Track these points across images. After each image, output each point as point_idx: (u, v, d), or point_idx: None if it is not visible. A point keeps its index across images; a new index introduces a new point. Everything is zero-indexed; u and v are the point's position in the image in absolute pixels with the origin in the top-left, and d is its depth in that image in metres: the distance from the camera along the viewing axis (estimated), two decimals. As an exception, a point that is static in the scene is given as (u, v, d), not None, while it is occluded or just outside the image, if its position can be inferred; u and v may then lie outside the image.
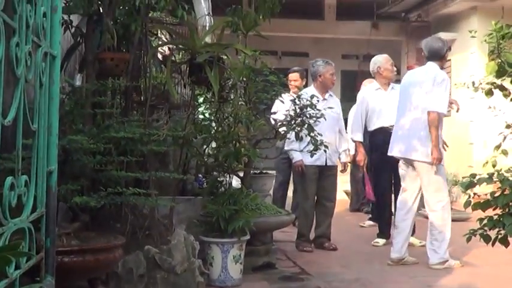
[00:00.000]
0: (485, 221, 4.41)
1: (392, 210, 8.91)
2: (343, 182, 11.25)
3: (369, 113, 9.06)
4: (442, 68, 7.75)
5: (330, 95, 8.88)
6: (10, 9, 2.51)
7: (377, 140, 8.95)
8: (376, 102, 9.00)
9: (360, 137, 9.11)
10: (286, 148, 8.23)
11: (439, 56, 7.70)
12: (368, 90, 9.42)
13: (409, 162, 7.55)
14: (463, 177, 4.68)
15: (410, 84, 7.70)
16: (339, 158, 8.86)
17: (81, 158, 4.68)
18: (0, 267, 2.38)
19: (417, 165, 7.42)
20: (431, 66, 7.55)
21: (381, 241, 8.84)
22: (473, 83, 6.06)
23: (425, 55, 7.74)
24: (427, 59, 7.70)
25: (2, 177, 2.42)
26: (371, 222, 10.14)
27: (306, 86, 9.59)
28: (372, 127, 9.05)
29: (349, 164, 9.72)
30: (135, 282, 4.95)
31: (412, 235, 8.43)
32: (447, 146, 8.03)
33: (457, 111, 9.52)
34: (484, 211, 4.44)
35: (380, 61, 9.21)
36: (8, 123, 2.42)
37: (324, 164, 8.48)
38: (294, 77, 9.66)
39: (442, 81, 7.30)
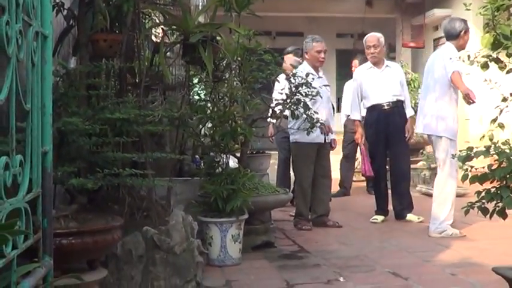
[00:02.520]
0: (482, 194, 4.41)
1: (389, 185, 9.13)
2: (336, 161, 11.21)
3: (363, 92, 9.15)
4: (461, 47, 7.94)
5: (321, 74, 8.83)
6: (-1, -13, 2.49)
7: (371, 117, 9.08)
8: (369, 81, 9.07)
9: (357, 116, 9.20)
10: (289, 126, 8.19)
11: (454, 36, 8.01)
12: (361, 69, 9.45)
13: (429, 138, 8.07)
14: (460, 151, 4.66)
15: (430, 64, 8.12)
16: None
17: (76, 140, 4.65)
18: (-3, 246, 2.38)
19: (433, 140, 7.91)
20: (445, 46, 8.04)
21: (379, 218, 8.90)
22: (469, 57, 6.05)
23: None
24: (446, 39, 8.15)
25: (-3, 159, 2.40)
26: None
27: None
28: (367, 104, 9.15)
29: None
30: (135, 263, 4.95)
31: (410, 212, 8.76)
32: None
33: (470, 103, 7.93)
34: (481, 184, 4.43)
35: (364, 40, 9.35)
36: (0, 102, 2.40)
37: (323, 141, 8.49)
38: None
39: (449, 59, 7.60)
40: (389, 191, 8.98)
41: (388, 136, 8.95)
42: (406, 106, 9.06)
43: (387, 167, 9.34)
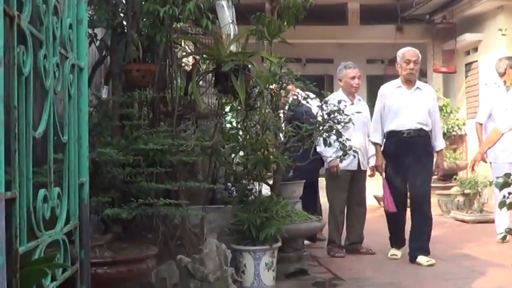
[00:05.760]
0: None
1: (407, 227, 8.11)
2: (371, 187, 11.14)
3: (385, 111, 8.18)
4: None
5: (359, 99, 8.84)
6: (36, 21, 2.52)
7: (389, 146, 8.18)
8: (394, 101, 8.10)
9: (377, 138, 8.27)
10: (318, 149, 8.10)
11: (501, 74, 8.75)
12: (388, 87, 8.43)
13: None
14: (496, 177, 4.65)
15: None
16: (368, 163, 8.77)
17: (110, 170, 4.68)
18: (37, 279, 2.39)
19: None
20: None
21: (398, 253, 8.14)
22: (505, 82, 6.10)
23: None
24: None
25: (34, 191, 2.42)
26: None
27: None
28: (385, 129, 8.19)
29: None
30: (169, 292, 4.96)
31: (423, 254, 7.75)
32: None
33: None
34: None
35: (398, 55, 8.36)
36: (39, 135, 2.43)
37: (356, 169, 8.45)
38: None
39: None
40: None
41: (407, 170, 7.92)
42: (435, 137, 8.12)
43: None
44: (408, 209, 8.07)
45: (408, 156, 7.86)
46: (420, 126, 7.91)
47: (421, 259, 7.60)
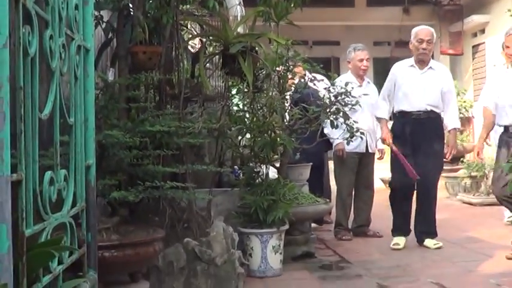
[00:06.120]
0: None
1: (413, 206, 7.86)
2: (379, 170, 11.11)
3: (395, 91, 7.84)
4: None
5: (368, 82, 8.80)
6: (42, 1, 2.49)
7: (397, 127, 7.87)
8: (405, 81, 7.76)
9: (382, 114, 7.91)
10: (326, 131, 8.06)
11: None
12: (400, 65, 8.05)
13: None
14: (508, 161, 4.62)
15: None
16: (376, 145, 8.73)
17: (117, 153, 4.67)
18: (44, 262, 2.37)
19: None
20: None
21: (401, 241, 7.71)
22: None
23: None
24: None
25: (41, 174, 2.40)
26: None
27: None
28: (395, 108, 7.85)
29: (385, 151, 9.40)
30: (176, 275, 4.94)
31: (430, 237, 7.65)
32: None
33: None
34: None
35: (412, 34, 7.99)
36: (45, 117, 2.40)
37: (364, 151, 8.42)
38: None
39: None
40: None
41: (415, 150, 7.59)
42: (448, 116, 7.79)
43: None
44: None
45: (417, 138, 7.53)
46: (430, 108, 7.62)
47: (428, 242, 7.51)
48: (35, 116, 2.30)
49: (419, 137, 7.55)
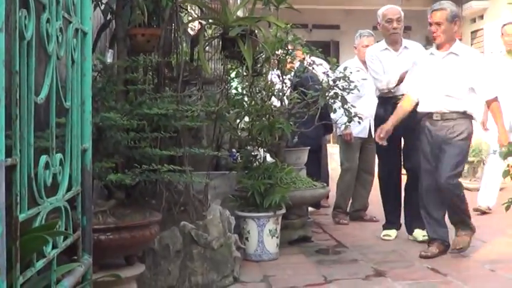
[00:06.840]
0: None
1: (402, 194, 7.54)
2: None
3: (374, 79, 7.56)
4: None
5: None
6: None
7: (380, 111, 7.46)
8: (383, 64, 7.47)
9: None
10: (332, 116, 8.04)
11: None
12: (373, 50, 7.77)
13: None
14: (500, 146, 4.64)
15: None
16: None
17: (114, 135, 4.64)
18: (38, 247, 2.37)
19: None
20: None
21: (392, 233, 7.48)
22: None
23: None
24: None
25: (36, 156, 2.39)
26: None
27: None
28: (377, 92, 7.57)
29: None
30: (172, 258, 4.96)
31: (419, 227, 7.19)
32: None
33: None
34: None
35: (378, 15, 7.86)
36: (40, 101, 2.39)
37: (367, 136, 8.41)
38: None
39: None
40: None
41: (400, 140, 7.27)
42: None
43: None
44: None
45: (399, 124, 6.72)
46: None
47: (418, 233, 7.18)
48: (30, 100, 2.29)
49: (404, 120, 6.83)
